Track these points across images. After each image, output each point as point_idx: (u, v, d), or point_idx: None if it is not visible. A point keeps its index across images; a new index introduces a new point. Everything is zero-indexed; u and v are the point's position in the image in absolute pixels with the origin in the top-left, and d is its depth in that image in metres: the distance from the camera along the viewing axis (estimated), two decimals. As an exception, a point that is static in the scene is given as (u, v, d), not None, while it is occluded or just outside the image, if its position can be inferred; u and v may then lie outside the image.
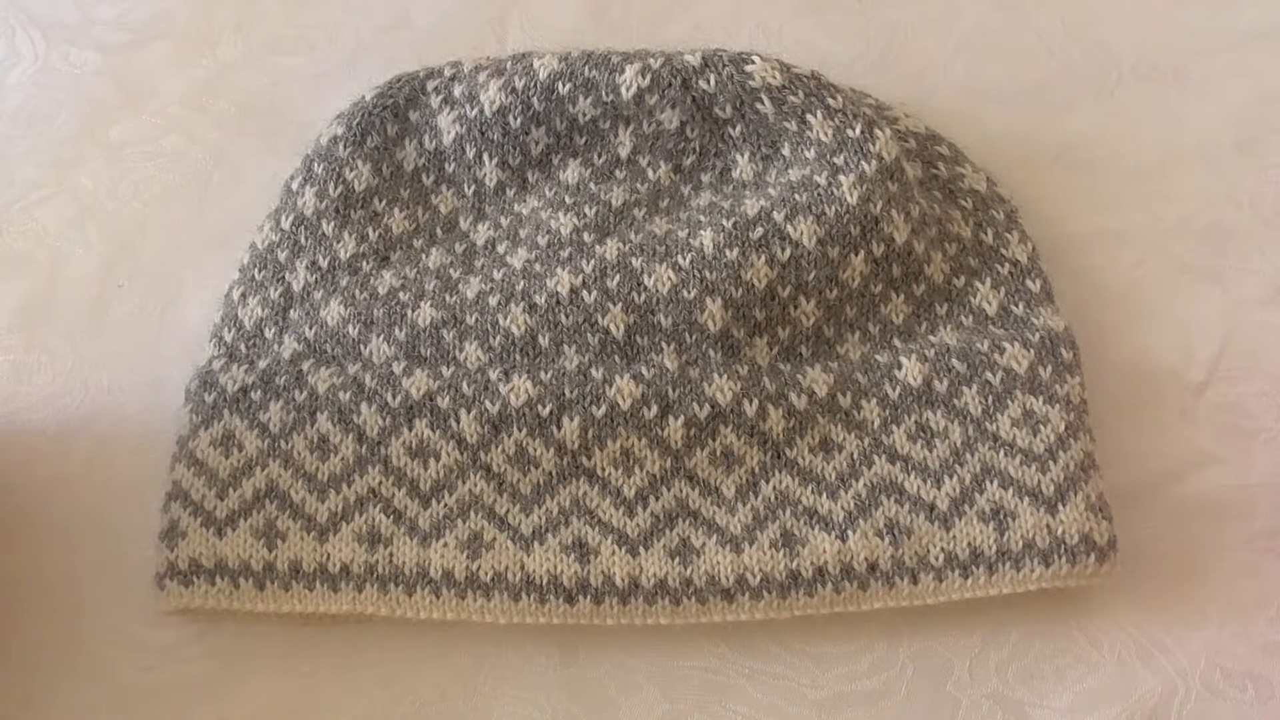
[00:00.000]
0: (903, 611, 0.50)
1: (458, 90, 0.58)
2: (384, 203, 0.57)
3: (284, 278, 0.56)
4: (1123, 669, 0.50)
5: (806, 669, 0.51)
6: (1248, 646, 0.51)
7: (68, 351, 0.59)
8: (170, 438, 0.53)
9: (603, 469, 0.51)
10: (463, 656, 0.51)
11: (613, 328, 0.53)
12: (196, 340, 0.57)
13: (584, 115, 0.57)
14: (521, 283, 0.54)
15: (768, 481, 0.51)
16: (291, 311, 0.55)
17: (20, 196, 0.64)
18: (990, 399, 0.52)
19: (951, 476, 0.51)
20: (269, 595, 0.50)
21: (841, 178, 0.54)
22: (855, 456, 0.52)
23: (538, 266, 0.55)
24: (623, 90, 0.56)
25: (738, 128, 0.56)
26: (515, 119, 0.57)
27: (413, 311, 0.54)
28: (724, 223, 0.54)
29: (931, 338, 0.54)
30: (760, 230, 0.53)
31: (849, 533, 0.50)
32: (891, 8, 0.69)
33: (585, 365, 0.52)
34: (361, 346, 0.54)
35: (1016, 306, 0.55)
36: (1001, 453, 0.51)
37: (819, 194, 0.54)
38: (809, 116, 0.55)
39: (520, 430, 0.51)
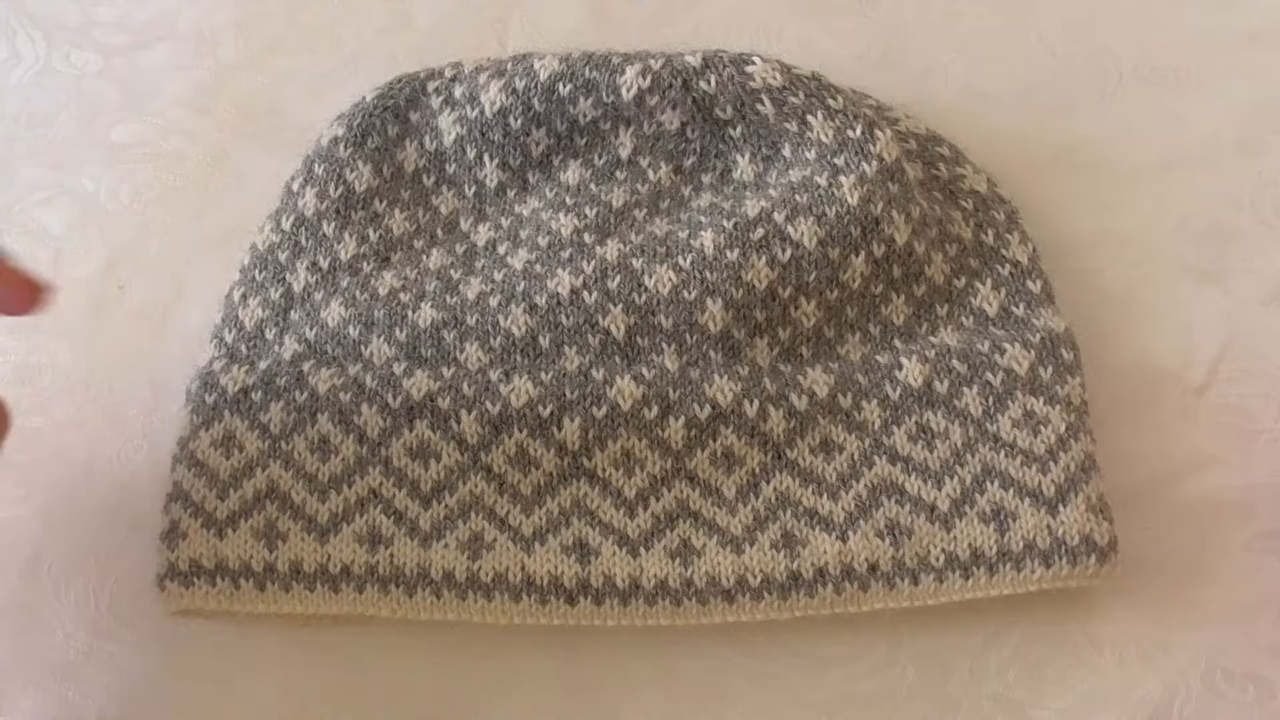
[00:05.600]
0: (903, 613, 0.50)
1: (458, 91, 0.58)
2: (385, 204, 0.57)
3: (284, 279, 0.56)
4: (1123, 670, 0.50)
5: (807, 670, 0.51)
6: (1249, 647, 0.51)
7: (68, 352, 0.59)
8: (171, 439, 0.53)
9: (603, 470, 0.51)
10: (463, 657, 0.51)
11: (613, 329, 0.53)
12: (197, 341, 0.57)
13: (584, 116, 0.57)
14: (522, 284, 0.54)
15: (768, 482, 0.51)
16: (292, 312, 0.55)
17: (21, 198, 0.64)
18: (991, 400, 0.52)
19: (952, 477, 0.51)
20: (269, 596, 0.50)
21: (842, 178, 0.54)
22: (856, 457, 0.52)
23: (538, 267, 0.55)
24: (623, 91, 0.56)
25: (738, 129, 0.56)
26: (516, 120, 0.57)
27: (413, 312, 0.54)
28: (724, 224, 0.54)
29: (932, 339, 0.54)
30: (761, 231, 0.53)
31: (850, 534, 0.50)
32: (892, 9, 0.69)
33: (586, 366, 0.52)
34: (362, 347, 0.54)
35: (1017, 307, 0.55)
36: (1002, 453, 0.51)
37: (820, 195, 0.54)
38: (810, 117, 0.55)
39: (521, 431, 0.51)
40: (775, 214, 0.54)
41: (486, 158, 0.58)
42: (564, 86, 0.56)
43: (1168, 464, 0.55)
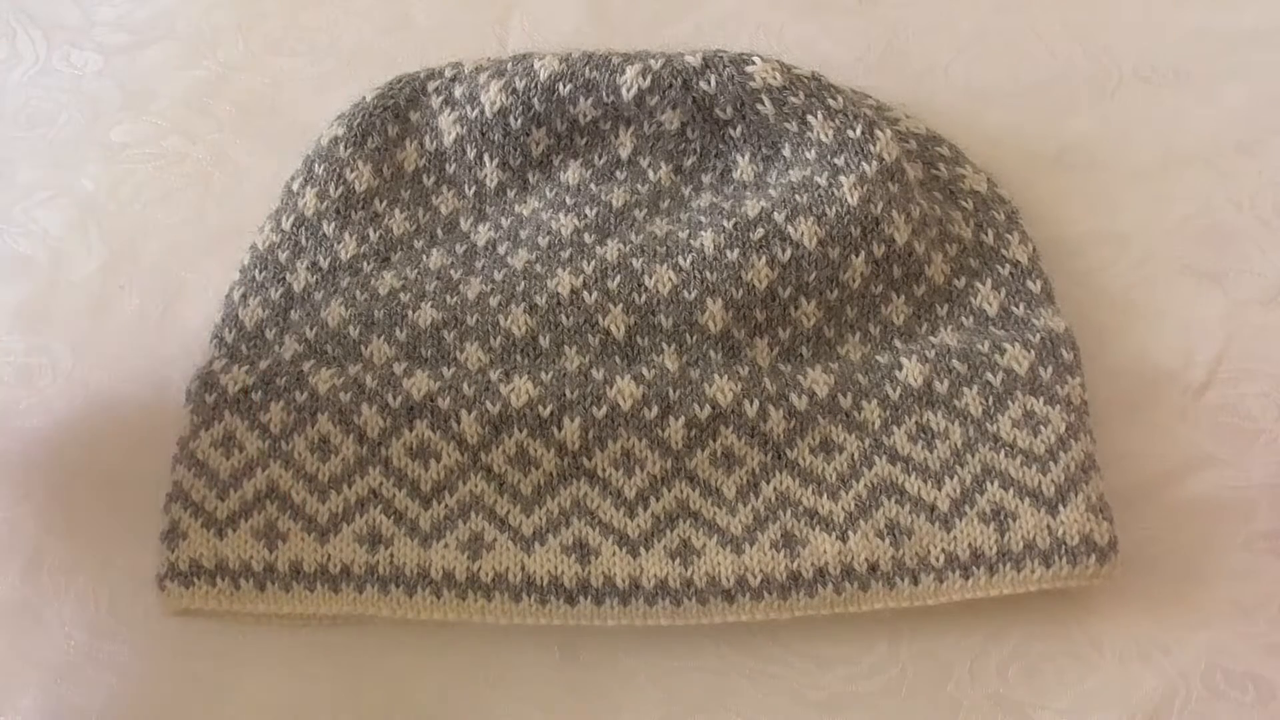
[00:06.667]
0: (903, 612, 0.50)
1: (458, 91, 0.58)
2: (385, 203, 0.57)
3: (285, 278, 0.56)
4: (1123, 670, 0.50)
5: (807, 670, 0.51)
6: (1248, 647, 0.51)
7: (68, 353, 0.59)
8: (171, 439, 0.53)
9: (603, 470, 0.51)
10: (463, 657, 0.51)
11: (613, 328, 0.53)
12: (197, 341, 0.57)
13: (585, 116, 0.57)
14: (522, 283, 0.54)
15: (768, 482, 0.51)
16: (292, 312, 0.55)
17: (21, 198, 0.64)
18: (991, 400, 0.52)
19: (952, 477, 0.51)
20: (270, 596, 0.50)
21: (842, 178, 0.54)
22: (856, 457, 0.52)
23: (538, 267, 0.55)
24: (623, 91, 0.56)
25: (738, 128, 0.56)
26: (516, 120, 0.57)
27: (413, 312, 0.54)
28: (725, 223, 0.54)
29: (932, 338, 0.54)
30: (761, 231, 0.53)
31: (850, 533, 0.50)
32: (892, 9, 0.69)
33: (586, 366, 0.52)
34: (362, 347, 0.54)
35: (1017, 307, 0.55)
36: (1002, 453, 0.51)
37: (820, 195, 0.54)
38: (810, 117, 0.55)
39: (521, 431, 0.51)
40: (775, 214, 0.54)
41: (486, 158, 0.58)
42: (564, 86, 0.56)
43: (1167, 464, 0.55)
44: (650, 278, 0.53)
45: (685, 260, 0.53)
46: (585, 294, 0.53)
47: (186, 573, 0.50)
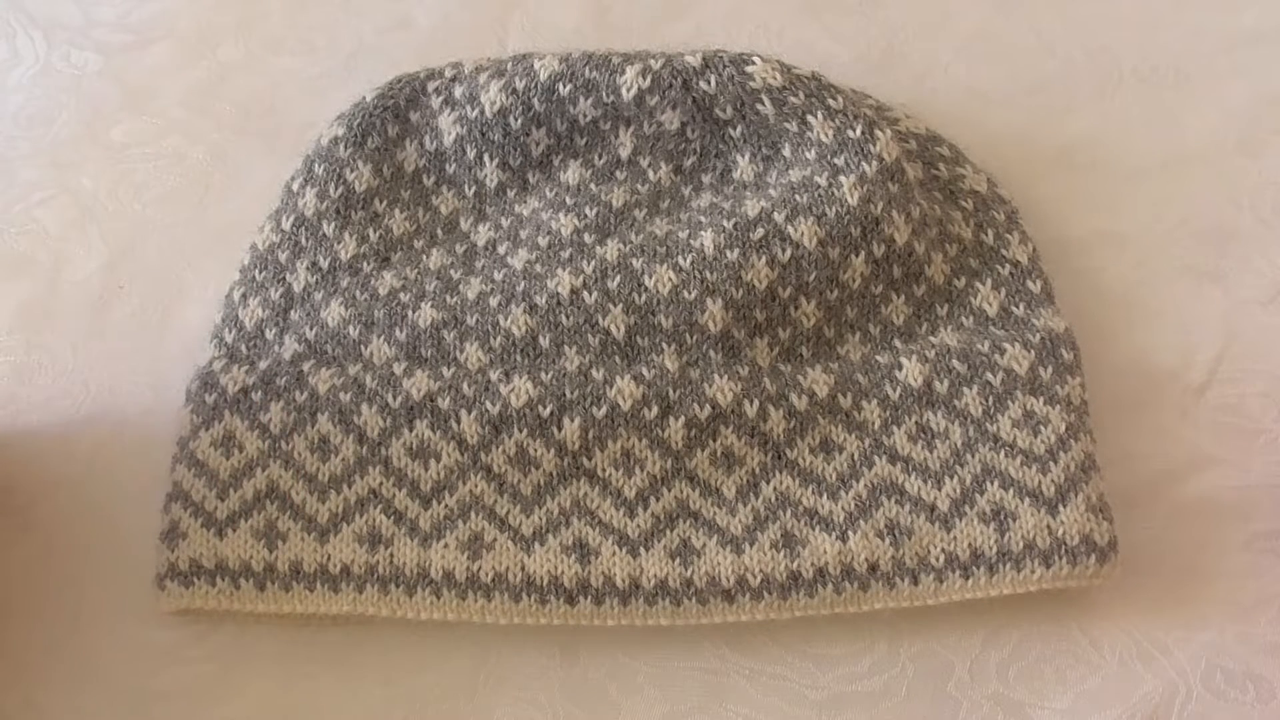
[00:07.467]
0: (903, 612, 0.50)
1: (458, 91, 0.58)
2: (385, 203, 0.57)
3: (284, 278, 0.56)
4: (1123, 670, 0.50)
5: (807, 670, 0.51)
6: (1248, 647, 0.51)
7: (68, 353, 0.59)
8: (171, 438, 0.53)
9: (603, 470, 0.51)
10: (463, 657, 0.51)
11: (613, 328, 0.53)
12: (197, 341, 0.57)
13: (585, 116, 0.57)
14: (522, 284, 0.54)
15: (768, 482, 0.51)
16: (292, 312, 0.55)
17: (21, 197, 0.64)
18: (991, 400, 0.52)
19: (952, 477, 0.51)
20: (269, 596, 0.50)
21: (842, 178, 0.54)
22: (856, 457, 0.52)
23: (538, 267, 0.55)
24: (623, 91, 0.56)
25: (738, 129, 0.56)
26: (516, 120, 0.57)
27: (413, 312, 0.54)
28: (725, 224, 0.54)
29: (932, 339, 0.54)
30: (761, 231, 0.53)
31: (850, 533, 0.50)
32: (892, 9, 0.69)
33: (586, 366, 0.52)
34: (362, 347, 0.54)
35: (1017, 307, 0.55)
36: (1002, 453, 0.51)
37: (820, 195, 0.54)
38: (810, 117, 0.55)
39: (521, 431, 0.51)
40: (775, 214, 0.54)
41: (486, 158, 0.58)
42: (564, 86, 0.56)
43: (1168, 464, 0.55)
44: (650, 278, 0.53)
45: (685, 260, 0.53)
46: (585, 294, 0.53)
47: (186, 572, 0.50)
